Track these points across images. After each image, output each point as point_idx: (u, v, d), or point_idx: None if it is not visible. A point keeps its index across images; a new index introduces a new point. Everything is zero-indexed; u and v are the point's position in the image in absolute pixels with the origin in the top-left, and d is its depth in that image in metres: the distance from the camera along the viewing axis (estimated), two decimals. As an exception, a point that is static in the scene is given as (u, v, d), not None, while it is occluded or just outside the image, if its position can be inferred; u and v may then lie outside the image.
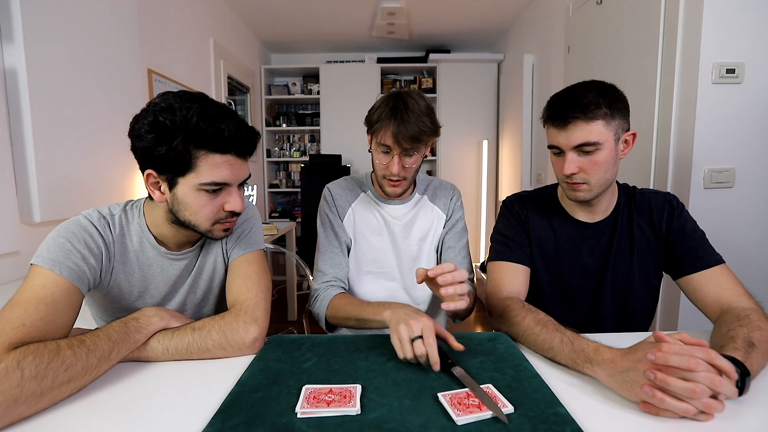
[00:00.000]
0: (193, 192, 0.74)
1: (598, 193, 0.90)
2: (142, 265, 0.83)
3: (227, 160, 0.74)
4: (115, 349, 0.66)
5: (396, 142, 0.95)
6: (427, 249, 1.13)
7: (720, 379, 0.54)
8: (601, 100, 0.84)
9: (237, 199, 0.77)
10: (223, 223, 0.79)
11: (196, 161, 0.72)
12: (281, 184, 4.49)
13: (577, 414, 0.56)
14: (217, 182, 0.74)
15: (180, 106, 0.71)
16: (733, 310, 0.76)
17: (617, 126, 0.86)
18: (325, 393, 0.60)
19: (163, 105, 0.71)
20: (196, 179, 0.73)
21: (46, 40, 1.43)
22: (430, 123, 0.97)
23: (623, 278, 0.96)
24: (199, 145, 0.71)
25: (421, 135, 0.95)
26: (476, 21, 3.51)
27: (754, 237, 1.51)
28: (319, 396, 0.59)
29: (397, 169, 0.98)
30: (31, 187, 1.39)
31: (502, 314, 0.86)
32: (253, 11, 3.31)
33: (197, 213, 0.76)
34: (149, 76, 2.12)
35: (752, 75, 1.44)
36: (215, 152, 0.73)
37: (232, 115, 0.75)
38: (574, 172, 0.87)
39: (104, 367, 0.65)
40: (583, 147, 0.85)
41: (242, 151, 0.76)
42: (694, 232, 0.92)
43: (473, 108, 4.03)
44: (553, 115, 0.88)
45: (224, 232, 0.82)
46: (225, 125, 0.72)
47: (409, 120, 0.94)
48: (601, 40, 2.07)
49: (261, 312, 0.79)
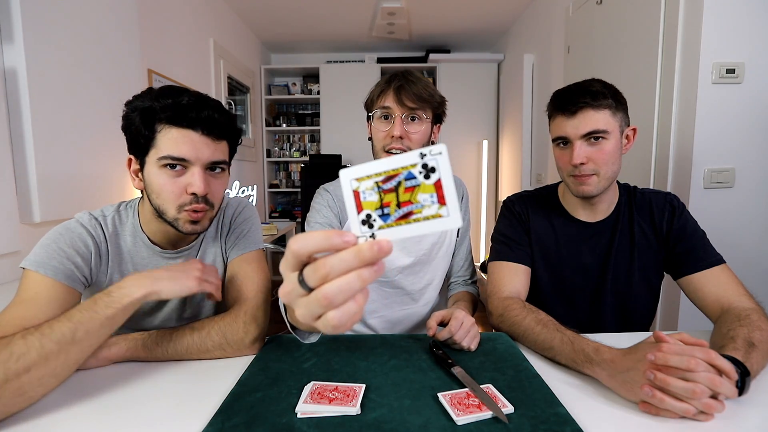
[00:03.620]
0: (156, 170, 0.73)
1: (605, 187, 0.90)
2: (137, 264, 0.83)
3: (187, 135, 0.72)
4: (80, 329, 0.61)
5: (398, 101, 0.90)
6: (441, 254, 1.08)
7: (720, 379, 0.54)
8: (606, 91, 0.87)
9: (199, 181, 0.73)
10: (189, 211, 0.75)
11: (156, 135, 0.72)
12: (281, 184, 4.49)
13: (577, 414, 0.56)
14: (174, 156, 0.72)
15: (154, 89, 0.73)
16: (734, 310, 0.76)
17: (621, 119, 0.89)
18: (330, 390, 0.60)
19: (141, 92, 0.74)
20: (156, 154, 0.73)
21: (46, 40, 1.43)
22: (433, 91, 0.93)
23: (624, 278, 0.96)
24: (158, 118, 0.71)
25: (424, 94, 0.90)
26: (476, 21, 3.51)
27: (754, 237, 1.51)
28: (324, 393, 0.59)
29: (399, 130, 0.90)
30: (31, 187, 1.39)
31: (502, 314, 0.86)
32: (253, 11, 3.31)
33: (160, 194, 0.74)
34: (149, 76, 2.12)
35: (752, 75, 1.44)
36: (174, 125, 0.72)
37: (199, 93, 0.75)
38: (583, 162, 0.87)
39: (74, 351, 0.61)
40: (591, 135, 0.86)
41: (207, 128, 0.73)
42: (695, 232, 0.92)
43: (473, 108, 4.03)
44: (561, 104, 0.89)
45: (192, 225, 0.76)
46: (184, 97, 0.72)
47: (412, 82, 0.91)
48: (601, 40, 2.07)
49: (261, 312, 0.79)
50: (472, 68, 4.01)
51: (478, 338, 0.78)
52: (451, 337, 0.76)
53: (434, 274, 1.09)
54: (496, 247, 1.02)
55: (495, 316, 0.90)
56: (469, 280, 1.12)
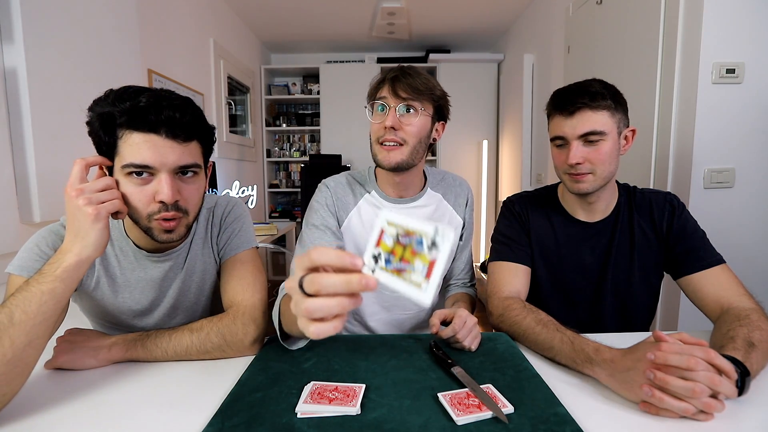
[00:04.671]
0: (122, 179, 0.68)
1: (601, 186, 0.90)
2: (125, 269, 0.81)
3: (149, 140, 0.67)
4: (16, 311, 0.59)
5: (392, 91, 0.88)
6: None
7: (719, 378, 0.54)
8: (606, 92, 0.87)
9: (165, 188, 0.68)
10: (159, 220, 0.70)
11: (118, 142, 0.67)
12: (281, 184, 4.49)
13: (577, 414, 0.56)
14: (137, 164, 0.66)
15: (112, 91, 0.68)
16: (733, 310, 0.76)
17: (619, 120, 0.89)
18: (330, 390, 0.60)
19: (102, 95, 0.69)
20: (119, 162, 0.68)
21: (46, 40, 1.43)
22: (432, 84, 0.90)
23: (624, 278, 0.96)
24: (117, 123, 0.66)
25: (420, 86, 0.88)
26: (476, 21, 3.51)
27: (754, 237, 1.51)
28: (324, 393, 0.59)
29: (390, 120, 0.87)
30: (31, 187, 1.39)
31: (502, 314, 0.86)
32: (253, 11, 3.31)
33: (129, 203, 0.70)
34: (149, 76, 2.12)
35: (752, 75, 1.44)
36: (134, 130, 0.66)
37: (159, 91, 0.69)
38: (580, 162, 0.87)
39: (18, 333, 0.58)
40: (588, 136, 0.86)
41: (170, 130, 0.68)
42: (695, 231, 0.92)
43: (473, 108, 4.03)
44: (560, 104, 0.89)
45: (166, 234, 0.72)
46: (142, 98, 0.66)
47: (408, 74, 0.89)
48: (601, 40, 2.07)
49: (259, 313, 0.79)
50: (472, 68, 4.01)
51: (479, 338, 0.78)
52: (454, 335, 0.76)
53: None
54: (496, 247, 1.02)
55: (495, 316, 0.90)
56: (469, 283, 1.12)
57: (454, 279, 1.13)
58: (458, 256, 1.12)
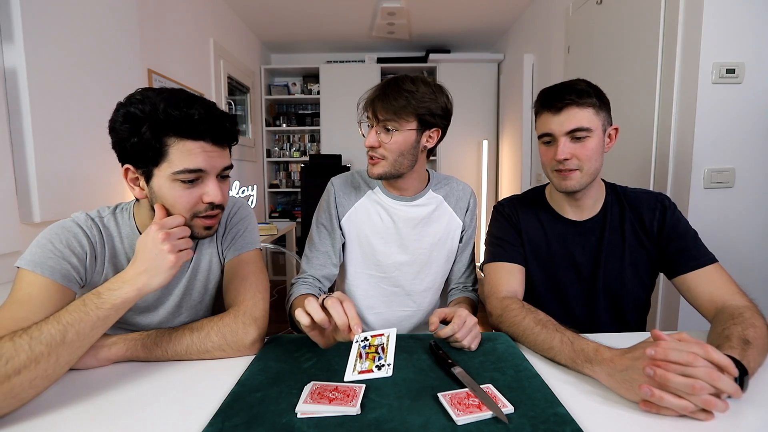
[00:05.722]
0: (168, 183, 0.72)
1: (587, 183, 0.92)
2: None
3: (200, 147, 0.71)
4: (70, 331, 0.61)
5: (372, 112, 0.95)
6: (441, 257, 1.08)
7: (718, 374, 0.54)
8: (591, 90, 0.90)
9: (215, 189, 0.74)
10: (204, 218, 0.75)
11: (167, 149, 0.70)
12: (281, 184, 4.49)
13: (577, 414, 0.56)
14: (190, 169, 0.71)
15: (152, 95, 0.70)
16: (727, 309, 0.77)
17: (604, 118, 0.91)
18: (330, 390, 0.60)
19: (137, 97, 0.71)
20: (169, 168, 0.71)
21: (46, 40, 1.43)
22: (416, 102, 0.91)
23: (615, 275, 0.96)
24: (169, 131, 0.69)
25: (397, 106, 0.91)
26: (476, 21, 3.51)
27: (754, 237, 1.51)
28: (324, 393, 0.59)
29: (371, 140, 0.95)
30: (31, 187, 1.39)
31: (501, 314, 0.87)
32: (253, 11, 3.31)
33: (174, 206, 0.73)
34: (149, 76, 2.12)
35: (752, 75, 1.44)
36: (186, 138, 0.70)
37: (204, 101, 0.73)
38: (567, 158, 0.89)
39: (64, 352, 0.61)
40: (575, 132, 0.89)
41: (217, 137, 0.73)
42: (687, 231, 0.93)
43: (473, 108, 4.03)
44: (547, 101, 0.92)
45: (206, 231, 0.77)
46: (195, 109, 0.70)
47: (390, 94, 0.92)
48: (601, 40, 2.07)
49: (260, 313, 0.79)
50: (472, 68, 4.01)
51: (479, 339, 0.78)
52: (453, 335, 0.76)
53: (435, 277, 1.10)
54: (490, 250, 1.03)
55: (494, 317, 0.90)
56: (470, 287, 1.12)
57: (455, 282, 1.13)
58: (458, 258, 1.12)
